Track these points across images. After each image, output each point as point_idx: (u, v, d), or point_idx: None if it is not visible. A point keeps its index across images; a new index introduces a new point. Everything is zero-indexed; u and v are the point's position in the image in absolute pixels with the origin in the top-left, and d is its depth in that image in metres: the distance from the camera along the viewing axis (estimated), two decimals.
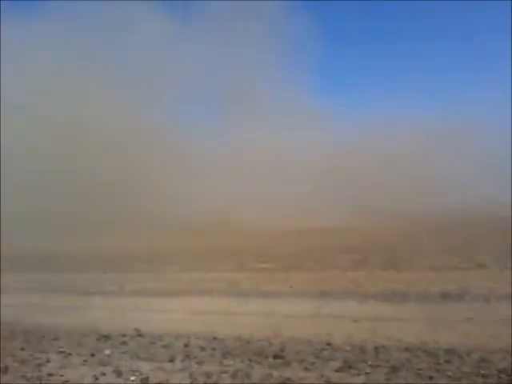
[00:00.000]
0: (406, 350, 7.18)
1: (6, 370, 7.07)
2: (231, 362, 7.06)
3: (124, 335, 8.75)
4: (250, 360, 7.13)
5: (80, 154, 40.26)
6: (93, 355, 7.60)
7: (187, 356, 7.42)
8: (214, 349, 7.74)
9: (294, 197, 40.32)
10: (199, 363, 7.10)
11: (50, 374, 6.83)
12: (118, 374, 6.75)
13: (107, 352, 7.74)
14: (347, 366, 6.66)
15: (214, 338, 8.31)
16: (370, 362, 6.75)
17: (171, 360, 7.26)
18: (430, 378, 6.07)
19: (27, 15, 55.60)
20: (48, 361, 7.41)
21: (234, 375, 6.55)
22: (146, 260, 19.19)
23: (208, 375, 6.56)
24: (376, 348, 7.35)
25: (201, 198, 39.01)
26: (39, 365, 7.24)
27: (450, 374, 6.16)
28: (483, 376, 6.01)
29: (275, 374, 6.54)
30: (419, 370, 6.36)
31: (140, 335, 8.75)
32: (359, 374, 6.37)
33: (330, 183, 43.90)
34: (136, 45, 54.36)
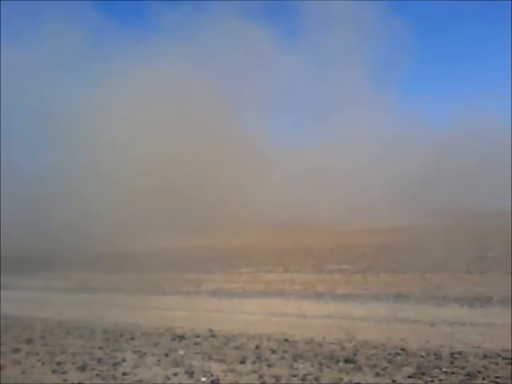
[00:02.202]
0: (485, 357, 6.83)
1: (83, 368, 7.43)
2: (301, 366, 7.02)
3: (198, 336, 8.93)
4: (321, 364, 7.06)
5: (172, 161, 41.58)
6: (167, 355, 7.82)
7: (258, 358, 7.47)
8: (285, 351, 7.73)
9: (371, 199, 39.88)
10: (269, 366, 7.12)
11: (124, 374, 7.08)
12: (190, 374, 6.90)
13: (181, 352, 7.94)
14: (420, 373, 6.44)
15: (286, 341, 8.30)
16: (444, 369, 6.49)
17: (242, 361, 7.33)
18: None
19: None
20: (123, 360, 7.70)
21: (303, 379, 6.51)
22: (224, 260, 19.53)
23: (277, 378, 6.56)
24: (452, 354, 7.05)
25: (281, 200, 39.33)
26: (115, 364, 7.53)
27: None
28: None
29: (345, 378, 6.43)
30: (497, 378, 6.03)
31: (213, 336, 8.91)
32: (432, 381, 6.14)
33: (409, 185, 43.00)
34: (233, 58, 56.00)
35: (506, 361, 6.62)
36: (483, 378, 6.07)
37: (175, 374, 6.92)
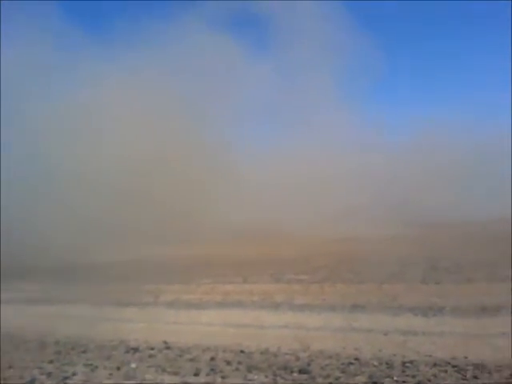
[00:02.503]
0: (435, 365, 6.97)
1: (32, 383, 7.23)
2: (255, 377, 7.02)
3: (152, 348, 8.82)
4: (275, 374, 7.08)
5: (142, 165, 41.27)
6: (119, 368, 7.68)
7: (212, 370, 7.42)
8: (239, 362, 7.71)
9: (334, 209, 40.38)
10: (223, 377, 7.09)
11: None
12: None
13: (134, 365, 7.82)
14: (372, 382, 6.52)
15: (241, 352, 8.29)
16: (395, 378, 6.59)
17: (196, 374, 7.28)
18: None
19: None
20: (74, 374, 7.52)
21: None
22: (184, 270, 19.35)
23: None
24: (404, 363, 7.17)
25: (245, 210, 39.35)
26: (65, 378, 7.37)
27: None
28: None
29: None
30: None
31: (168, 348, 8.80)
32: None
33: (376, 194, 43.83)
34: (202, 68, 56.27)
35: (455, 369, 6.77)
36: None
37: None
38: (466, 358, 7.14)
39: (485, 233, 29.23)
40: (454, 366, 6.85)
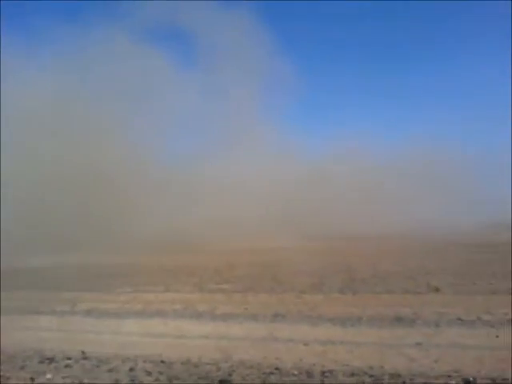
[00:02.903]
0: (352, 374, 7.18)
1: None
2: None
3: (69, 358, 8.49)
4: None
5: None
6: (33, 379, 7.34)
7: (132, 380, 7.26)
8: (160, 373, 7.58)
9: (258, 219, 41.01)
10: None
11: None
12: None
13: (49, 376, 7.51)
14: None
15: (162, 362, 8.15)
16: None
17: None
18: None
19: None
20: None
21: None
22: (104, 278, 18.80)
23: None
24: (323, 372, 7.32)
25: (168, 220, 39.13)
26: None
27: None
28: None
29: None
30: None
31: (85, 358, 8.51)
32: None
33: (295, 207, 45.04)
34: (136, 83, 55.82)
35: (372, 378, 7.00)
36: None
37: None
38: (382, 367, 7.40)
39: (400, 245, 30.58)
40: (370, 376, 7.08)
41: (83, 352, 8.84)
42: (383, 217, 43.77)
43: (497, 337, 8.74)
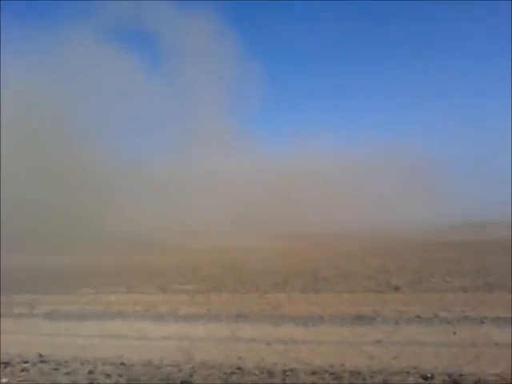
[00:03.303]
0: (314, 373, 7.23)
1: None
2: None
3: (26, 362, 8.29)
4: None
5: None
6: None
7: (90, 383, 7.13)
8: (120, 375, 7.48)
9: (223, 219, 41.04)
10: None
11: None
12: None
13: (4, 380, 7.31)
14: None
15: (122, 364, 8.04)
16: None
17: None
18: None
19: None
20: None
21: None
22: (64, 280, 18.43)
23: None
24: (284, 371, 7.36)
25: (130, 221, 38.79)
26: None
27: None
28: None
29: None
30: None
31: (43, 361, 8.32)
32: None
33: (260, 207, 45.25)
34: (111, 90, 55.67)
35: (332, 376, 7.06)
36: None
37: None
38: (342, 365, 7.48)
39: (363, 244, 31.03)
40: (331, 374, 7.15)
41: (41, 355, 8.65)
42: (348, 216, 44.38)
43: (454, 333, 8.95)
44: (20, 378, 7.43)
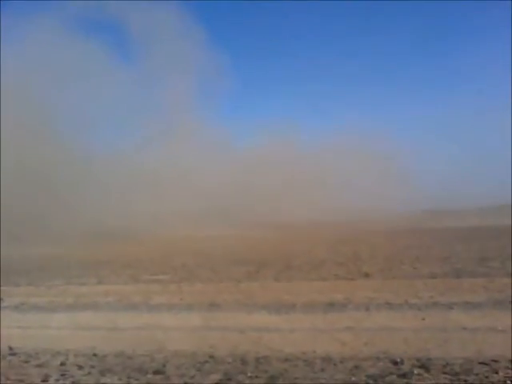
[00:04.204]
0: (286, 360, 7.30)
1: None
2: (109, 380, 6.81)
3: None
4: (129, 377, 6.92)
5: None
6: None
7: (62, 375, 7.06)
8: (92, 366, 7.42)
9: (195, 210, 40.96)
10: (75, 382, 6.78)
11: None
12: None
13: None
14: (227, 379, 6.65)
15: (94, 355, 7.98)
16: (249, 374, 6.79)
17: (44, 380, 6.88)
18: None
19: None
20: None
21: None
22: (32, 272, 18.15)
23: None
24: (257, 359, 7.41)
25: (102, 210, 38.44)
26: None
27: (323, 381, 6.34)
28: (353, 383, 6.25)
29: None
30: (295, 378, 6.49)
31: (13, 354, 8.20)
32: None
33: (232, 196, 45.30)
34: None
35: (305, 363, 7.15)
36: (284, 379, 6.48)
37: None
38: (314, 352, 7.57)
39: (334, 232, 31.36)
40: (304, 360, 7.23)
41: (10, 348, 8.53)
42: (318, 205, 44.78)
43: (423, 319, 9.13)
44: None
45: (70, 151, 45.96)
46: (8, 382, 6.87)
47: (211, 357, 7.63)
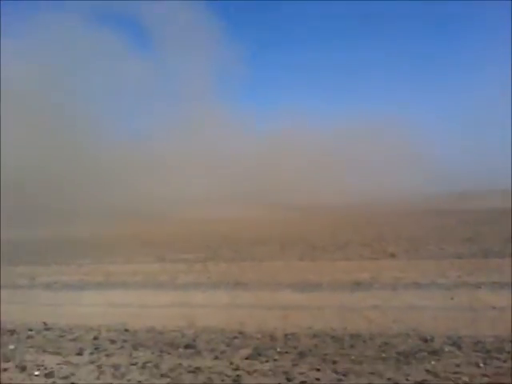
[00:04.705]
0: (315, 336, 7.38)
1: None
2: (141, 354, 6.97)
3: (31, 329, 8.40)
4: (161, 351, 7.07)
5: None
6: None
7: (96, 349, 7.25)
8: (124, 341, 7.60)
9: (219, 192, 41.18)
10: (108, 355, 6.95)
11: None
12: (22, 368, 6.49)
13: (11, 347, 7.42)
14: (257, 353, 6.76)
15: (126, 330, 8.17)
16: (278, 349, 6.89)
17: (79, 353, 7.06)
18: (334, 362, 6.27)
19: None
20: None
21: (142, 366, 6.47)
22: (63, 251, 18.52)
23: (116, 367, 6.44)
24: (286, 335, 7.50)
25: (123, 190, 38.93)
26: None
27: (353, 357, 6.40)
28: (383, 359, 6.29)
29: (185, 363, 6.52)
30: (325, 355, 6.56)
31: (48, 329, 8.44)
32: (267, 361, 6.48)
33: (256, 178, 45.44)
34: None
35: (333, 339, 7.21)
36: (313, 356, 6.56)
37: (5, 370, 6.45)
38: (344, 328, 7.64)
39: (359, 214, 31.25)
40: (332, 337, 7.30)
41: (45, 323, 8.77)
42: (343, 186, 44.67)
43: (452, 298, 9.11)
44: (26, 345, 7.54)
45: (98, 137, 46.72)
46: (45, 354, 7.08)
47: (240, 333, 7.76)
